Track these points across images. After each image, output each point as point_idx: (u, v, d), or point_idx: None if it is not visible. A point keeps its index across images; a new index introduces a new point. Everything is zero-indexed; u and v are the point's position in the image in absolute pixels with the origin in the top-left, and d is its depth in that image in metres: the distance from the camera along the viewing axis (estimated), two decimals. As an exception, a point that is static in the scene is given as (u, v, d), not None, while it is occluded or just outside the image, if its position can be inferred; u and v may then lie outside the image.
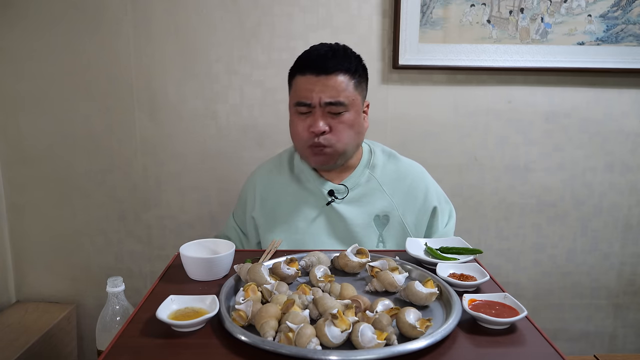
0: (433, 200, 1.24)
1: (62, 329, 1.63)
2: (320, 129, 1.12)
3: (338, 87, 1.12)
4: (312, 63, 1.13)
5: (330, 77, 1.12)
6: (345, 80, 1.13)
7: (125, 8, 1.58)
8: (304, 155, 1.20)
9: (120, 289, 0.94)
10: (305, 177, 1.24)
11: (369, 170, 1.24)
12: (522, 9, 1.59)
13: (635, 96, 1.68)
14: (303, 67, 1.15)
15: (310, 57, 1.15)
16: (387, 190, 1.23)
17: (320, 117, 1.12)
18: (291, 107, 1.19)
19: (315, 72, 1.12)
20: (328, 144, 1.14)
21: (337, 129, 1.14)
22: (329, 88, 1.11)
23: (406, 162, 1.29)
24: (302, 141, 1.16)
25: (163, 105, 1.64)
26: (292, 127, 1.19)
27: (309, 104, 1.12)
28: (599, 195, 1.73)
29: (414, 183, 1.24)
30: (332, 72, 1.12)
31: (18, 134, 1.65)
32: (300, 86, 1.14)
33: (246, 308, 0.71)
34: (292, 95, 1.18)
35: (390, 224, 1.21)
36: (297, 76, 1.16)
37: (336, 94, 1.12)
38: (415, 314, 0.69)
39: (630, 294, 1.80)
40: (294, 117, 1.18)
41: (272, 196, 1.25)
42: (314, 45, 1.19)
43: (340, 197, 1.21)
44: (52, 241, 1.72)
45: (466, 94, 1.66)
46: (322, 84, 1.11)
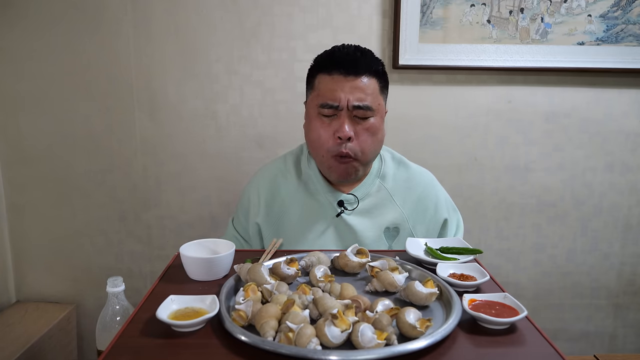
0: (443, 212, 1.21)
1: (62, 329, 1.63)
2: (347, 133, 1.06)
3: (367, 90, 1.07)
4: (341, 62, 1.07)
5: (360, 79, 1.06)
6: (373, 83, 1.09)
7: (125, 8, 1.58)
8: (327, 165, 1.12)
9: (120, 289, 0.94)
10: (313, 186, 1.18)
11: (379, 180, 1.19)
12: (522, 9, 1.59)
13: (635, 96, 1.68)
14: (330, 65, 1.08)
15: (338, 55, 1.09)
16: (397, 201, 1.18)
17: (347, 121, 1.07)
18: (312, 109, 1.11)
19: (344, 72, 1.06)
20: (354, 154, 1.09)
21: (362, 137, 1.08)
22: (358, 90, 1.06)
23: (416, 169, 1.25)
24: (326, 149, 1.09)
25: (163, 105, 1.64)
26: (313, 131, 1.11)
27: (336, 106, 1.07)
28: (599, 195, 1.73)
29: (424, 193, 1.21)
30: (363, 73, 1.07)
31: (18, 134, 1.65)
32: (327, 86, 1.07)
33: (246, 308, 0.71)
34: (315, 95, 1.10)
35: (401, 235, 1.17)
36: (322, 75, 1.09)
37: (364, 97, 1.06)
38: (415, 314, 0.69)
39: (630, 294, 1.80)
40: (316, 121, 1.10)
41: (278, 203, 1.19)
42: (338, 45, 1.13)
43: (350, 209, 1.15)
44: (52, 241, 1.72)
45: (466, 94, 1.66)
46: (351, 85, 1.06)
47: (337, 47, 1.13)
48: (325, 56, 1.12)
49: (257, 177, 1.26)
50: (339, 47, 1.13)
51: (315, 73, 1.12)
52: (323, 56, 1.13)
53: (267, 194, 1.21)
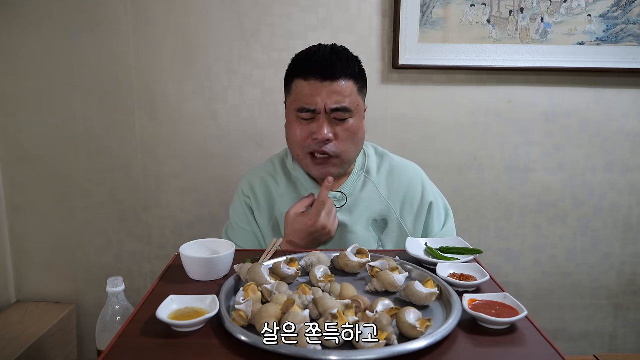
0: (429, 197, 1.22)
1: (62, 329, 1.63)
2: (325, 136, 1.07)
3: (344, 93, 1.08)
4: (317, 67, 1.07)
5: (336, 83, 1.07)
6: (350, 85, 1.09)
7: (125, 8, 1.58)
8: (304, 163, 1.15)
9: (120, 289, 0.94)
10: (301, 185, 1.21)
11: (365, 174, 1.22)
12: (522, 9, 1.59)
13: (635, 96, 1.68)
14: (306, 71, 1.08)
15: (314, 60, 1.09)
16: (383, 194, 1.20)
17: (325, 124, 1.08)
18: (290, 112, 1.13)
19: (321, 77, 1.07)
20: (333, 153, 1.10)
21: (342, 137, 1.10)
22: (335, 94, 1.07)
23: (400, 161, 1.26)
24: (302, 147, 1.12)
25: (163, 105, 1.64)
26: (291, 132, 1.13)
27: (313, 110, 1.08)
28: (599, 195, 1.73)
29: (410, 183, 1.22)
30: (339, 77, 1.07)
31: (18, 134, 1.65)
32: (304, 91, 1.08)
33: (246, 308, 0.71)
34: (293, 100, 1.12)
35: (389, 227, 1.19)
36: (299, 80, 1.10)
37: (342, 100, 1.07)
38: (415, 314, 0.69)
39: (630, 294, 1.80)
40: (294, 123, 1.12)
41: (270, 205, 1.22)
42: (313, 47, 1.13)
43: (338, 206, 1.17)
44: (52, 241, 1.72)
45: (466, 94, 1.66)
46: (328, 90, 1.07)
47: (313, 50, 1.12)
48: (300, 61, 1.12)
49: (246, 178, 1.26)
50: (314, 50, 1.12)
51: (291, 77, 1.13)
52: (298, 60, 1.12)
53: (259, 195, 1.22)
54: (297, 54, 1.17)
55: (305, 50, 1.14)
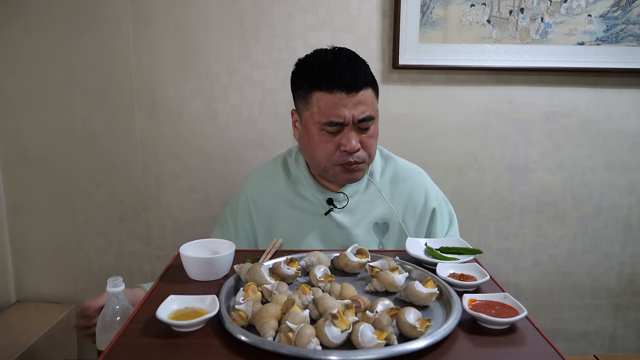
0: (432, 202, 1.21)
1: (62, 329, 1.63)
2: (355, 147, 1.07)
3: (367, 102, 1.08)
4: (341, 80, 1.05)
5: (361, 94, 1.07)
6: (370, 92, 1.10)
7: (125, 7, 1.58)
8: (332, 172, 1.13)
9: (120, 289, 0.94)
10: (302, 185, 1.20)
11: (368, 176, 1.21)
12: (522, 9, 1.59)
13: (635, 96, 1.68)
14: (329, 84, 1.06)
15: (336, 72, 1.06)
16: (386, 197, 1.20)
17: (354, 135, 1.08)
18: (312, 125, 1.09)
19: (346, 89, 1.05)
20: (362, 160, 1.11)
21: (367, 144, 1.11)
22: (360, 104, 1.07)
23: (404, 164, 1.25)
24: (331, 160, 1.10)
25: (163, 105, 1.64)
26: (317, 145, 1.10)
27: (342, 123, 1.07)
28: (599, 195, 1.73)
29: (413, 187, 1.22)
30: (362, 87, 1.07)
31: (18, 134, 1.65)
32: (329, 104, 1.06)
33: (246, 308, 0.71)
34: (315, 113, 1.08)
35: (391, 231, 1.19)
36: (321, 93, 1.06)
37: (366, 109, 1.08)
38: (415, 314, 0.69)
39: (630, 294, 1.80)
40: (318, 136, 1.09)
41: (267, 204, 1.21)
42: (326, 56, 1.09)
43: (339, 207, 1.17)
44: (52, 241, 1.72)
45: (466, 94, 1.66)
46: (354, 101, 1.06)
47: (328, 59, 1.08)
48: (320, 72, 1.07)
49: (246, 182, 1.27)
50: (329, 59, 1.08)
51: (309, 88, 1.09)
52: (317, 71, 1.08)
53: (257, 196, 1.22)
54: (304, 60, 1.13)
55: (316, 59, 1.10)
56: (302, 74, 1.12)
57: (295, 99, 1.17)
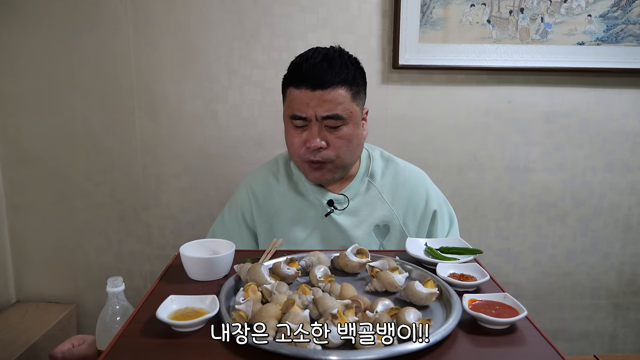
0: (433, 204, 1.21)
1: (62, 329, 1.63)
2: (316, 144, 1.07)
3: (335, 101, 1.06)
4: (308, 76, 1.06)
5: (328, 92, 1.05)
6: (342, 92, 1.07)
7: (125, 7, 1.58)
8: (302, 169, 1.16)
9: (120, 289, 0.94)
10: (303, 186, 1.20)
11: (369, 178, 1.21)
12: (522, 9, 1.59)
13: (635, 96, 1.68)
14: (297, 80, 1.08)
15: (305, 68, 1.07)
16: (387, 199, 1.19)
17: (317, 132, 1.07)
18: (286, 118, 1.13)
19: (311, 86, 1.05)
20: (327, 159, 1.10)
21: (335, 144, 1.09)
22: (326, 102, 1.06)
23: (405, 166, 1.25)
24: (298, 155, 1.12)
25: (163, 105, 1.64)
26: (288, 139, 1.14)
27: (304, 118, 1.08)
28: (599, 195, 1.73)
29: (414, 189, 1.21)
30: (329, 86, 1.05)
31: (18, 134, 1.65)
32: (295, 99, 1.08)
33: (246, 308, 0.71)
34: (287, 106, 1.12)
35: (391, 233, 1.18)
36: (291, 88, 1.09)
37: (333, 107, 1.06)
38: (415, 314, 0.69)
39: (630, 294, 1.80)
40: (290, 129, 1.13)
41: (270, 203, 1.21)
42: (307, 53, 1.11)
43: (340, 208, 1.17)
44: (52, 241, 1.72)
45: (466, 94, 1.66)
46: (319, 99, 1.05)
47: (305, 57, 1.10)
48: (293, 68, 1.11)
49: (249, 177, 1.27)
50: (306, 57, 1.10)
51: (286, 84, 1.13)
52: (292, 67, 1.11)
53: (259, 194, 1.22)
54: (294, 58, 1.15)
55: (300, 56, 1.12)
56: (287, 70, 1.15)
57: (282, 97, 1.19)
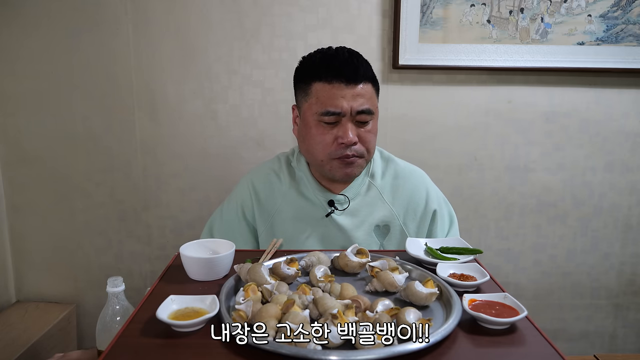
0: (433, 204, 1.22)
1: (62, 329, 1.63)
2: (351, 139, 1.08)
3: (367, 95, 1.09)
4: (341, 70, 1.07)
5: (360, 86, 1.09)
6: (369, 88, 1.11)
7: (125, 7, 1.58)
8: (328, 167, 1.13)
9: (120, 289, 0.94)
10: (305, 186, 1.20)
11: (369, 179, 1.21)
12: (522, 9, 1.59)
13: (635, 96, 1.68)
14: (329, 74, 1.08)
15: (336, 64, 1.09)
16: (387, 199, 1.20)
17: (350, 128, 1.09)
18: (310, 117, 1.11)
19: (345, 80, 1.07)
20: (359, 154, 1.11)
21: (365, 139, 1.11)
22: (359, 97, 1.08)
23: (405, 166, 1.26)
24: (327, 153, 1.11)
25: (163, 105, 1.64)
26: (314, 137, 1.11)
27: (339, 113, 1.08)
28: (599, 195, 1.73)
29: (414, 189, 1.22)
30: (362, 80, 1.09)
31: (18, 134, 1.65)
32: (328, 94, 1.08)
33: (246, 308, 0.71)
34: (313, 103, 1.10)
35: (392, 233, 1.19)
36: (320, 84, 1.09)
37: (366, 102, 1.09)
38: (415, 314, 0.69)
39: (630, 294, 1.80)
40: (317, 128, 1.11)
41: (271, 202, 1.21)
42: (329, 50, 1.13)
43: (341, 209, 1.17)
44: (52, 241, 1.72)
45: (466, 94, 1.66)
46: (353, 93, 1.08)
47: (330, 53, 1.12)
48: (320, 64, 1.11)
49: (250, 175, 1.27)
50: (331, 53, 1.12)
51: (309, 80, 1.11)
52: (317, 63, 1.11)
53: (261, 192, 1.22)
54: (307, 56, 1.16)
55: (318, 53, 1.13)
56: (304, 67, 1.15)
57: (296, 94, 1.18)
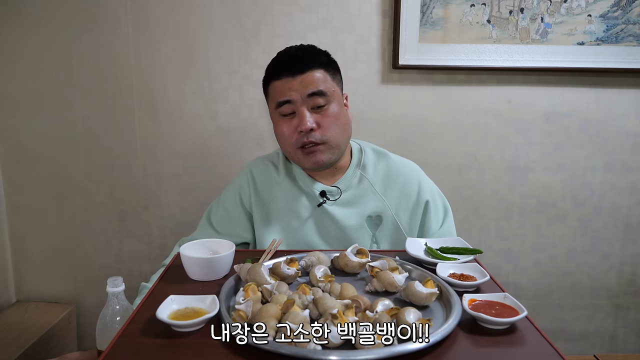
0: (426, 195, 1.23)
1: (62, 329, 1.63)
2: (307, 125, 1.10)
3: (316, 81, 1.12)
4: (286, 65, 1.13)
5: (307, 75, 1.12)
6: (320, 74, 1.13)
7: (125, 7, 1.58)
8: (297, 159, 1.17)
9: (120, 289, 0.94)
10: (299, 177, 1.24)
11: (361, 171, 1.23)
12: (522, 9, 1.59)
13: (635, 96, 1.68)
14: (277, 71, 1.14)
15: (282, 60, 1.15)
16: (379, 191, 1.22)
17: (306, 114, 1.11)
18: (273, 113, 1.18)
19: (291, 73, 1.12)
20: (320, 140, 1.13)
21: (325, 124, 1.12)
22: (307, 83, 1.11)
23: (398, 160, 1.28)
24: (292, 144, 1.14)
25: (163, 105, 1.64)
26: (278, 132, 1.17)
27: (289, 101, 1.12)
28: (599, 195, 1.73)
29: (407, 181, 1.24)
30: (308, 69, 1.12)
31: (18, 134, 1.65)
32: (278, 89, 1.13)
33: (246, 308, 0.71)
34: (271, 100, 1.17)
35: (384, 224, 1.21)
36: (273, 82, 1.15)
37: (316, 85, 1.11)
38: (415, 314, 0.69)
39: (630, 294, 1.80)
40: (278, 122, 1.16)
41: (267, 192, 1.24)
42: (281, 51, 1.19)
43: (332, 199, 1.20)
44: (52, 241, 1.72)
45: (466, 94, 1.66)
46: (300, 82, 1.11)
47: (280, 52, 1.19)
48: (271, 65, 1.18)
49: (249, 164, 1.30)
50: (282, 52, 1.18)
51: (267, 83, 1.18)
52: (270, 66, 1.18)
53: (258, 180, 1.26)
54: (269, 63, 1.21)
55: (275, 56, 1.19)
56: (265, 73, 1.20)
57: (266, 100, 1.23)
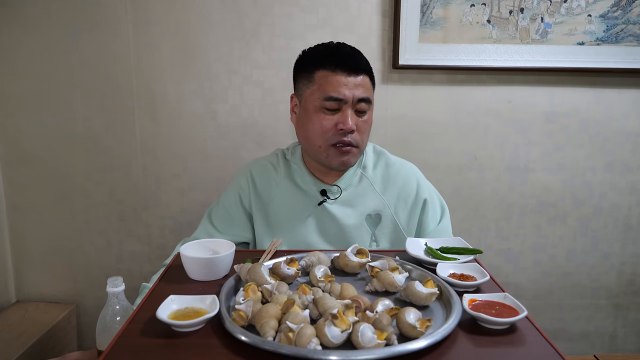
0: (424, 193, 1.25)
1: (62, 329, 1.63)
2: (350, 126, 1.12)
3: (366, 86, 1.15)
4: (344, 61, 1.14)
5: (360, 78, 1.14)
6: (368, 80, 1.16)
7: (125, 7, 1.58)
8: (325, 154, 1.17)
9: (120, 289, 0.94)
10: (299, 177, 1.25)
11: (361, 170, 1.25)
12: (522, 9, 1.59)
13: (635, 96, 1.68)
14: (332, 63, 1.14)
15: (340, 54, 1.15)
16: (378, 190, 1.24)
17: (351, 115, 1.13)
18: (312, 102, 1.15)
19: (347, 71, 1.13)
20: (356, 143, 1.15)
21: (362, 129, 1.16)
22: (359, 86, 1.14)
23: (397, 160, 1.30)
24: (326, 139, 1.15)
25: (163, 105, 1.64)
26: (314, 123, 1.15)
27: (341, 100, 1.12)
28: (599, 195, 1.73)
29: (405, 180, 1.26)
30: (362, 72, 1.15)
31: (18, 134, 1.65)
32: (331, 81, 1.13)
33: (246, 308, 0.71)
34: (317, 89, 1.14)
35: (383, 222, 1.22)
36: (324, 71, 1.14)
37: (365, 92, 1.14)
38: (415, 314, 0.69)
39: (630, 294, 1.80)
40: (317, 114, 1.15)
41: (266, 192, 1.25)
42: (330, 43, 1.19)
43: (332, 198, 1.21)
44: (52, 241, 1.72)
45: (466, 94, 1.66)
46: (354, 83, 1.13)
47: (334, 45, 1.19)
48: (325, 53, 1.17)
49: (249, 165, 1.31)
50: (336, 45, 1.19)
51: (313, 68, 1.16)
52: (322, 52, 1.17)
53: (257, 180, 1.26)
54: (310, 48, 1.21)
55: (322, 45, 1.20)
56: (308, 56, 1.20)
57: (296, 83, 1.23)
